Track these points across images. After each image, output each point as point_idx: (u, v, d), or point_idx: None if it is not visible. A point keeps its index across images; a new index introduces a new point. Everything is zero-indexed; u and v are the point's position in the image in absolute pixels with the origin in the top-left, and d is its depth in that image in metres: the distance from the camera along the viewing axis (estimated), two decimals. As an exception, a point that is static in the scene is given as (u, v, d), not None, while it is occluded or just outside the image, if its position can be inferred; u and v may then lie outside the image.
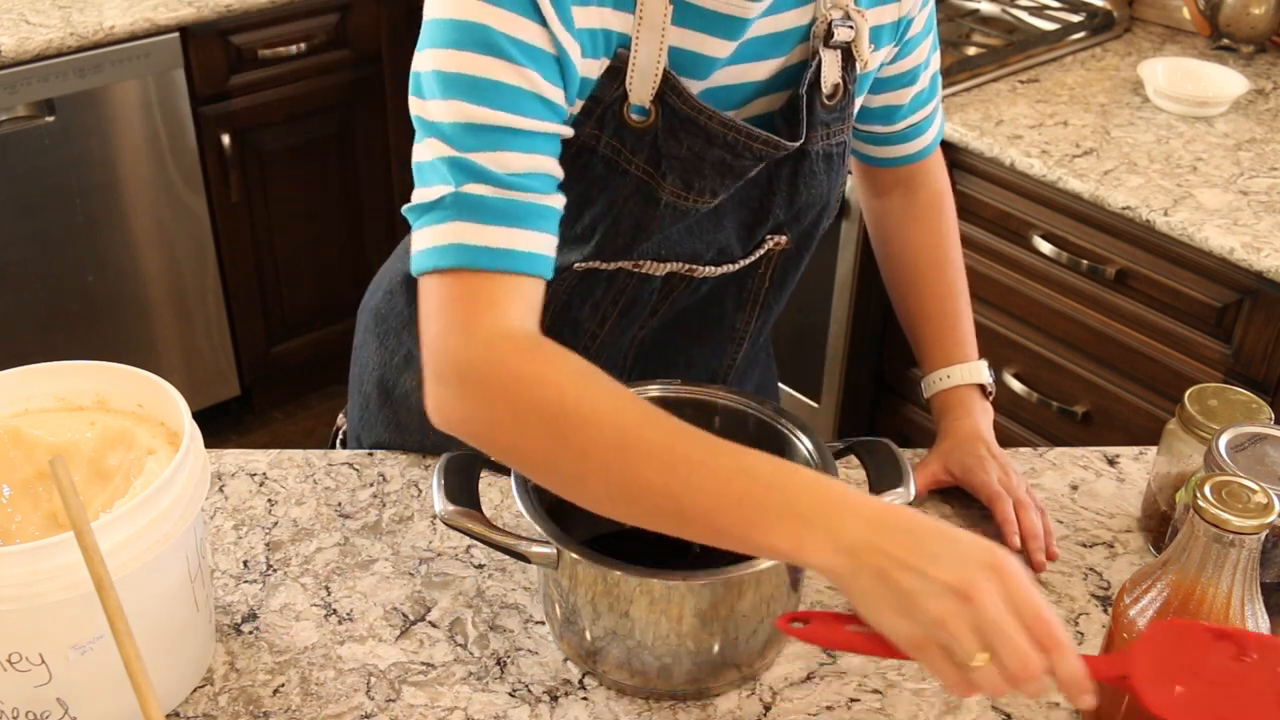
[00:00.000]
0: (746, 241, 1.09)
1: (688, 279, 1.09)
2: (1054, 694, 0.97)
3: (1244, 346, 1.80)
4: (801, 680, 0.98)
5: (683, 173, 0.99)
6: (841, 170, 1.11)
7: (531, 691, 0.96)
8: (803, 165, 1.06)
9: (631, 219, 1.01)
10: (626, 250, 1.04)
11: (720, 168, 1.00)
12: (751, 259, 1.11)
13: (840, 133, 1.08)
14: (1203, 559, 0.82)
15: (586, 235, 1.02)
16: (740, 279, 1.13)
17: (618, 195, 1.00)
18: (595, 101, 0.96)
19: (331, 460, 1.19)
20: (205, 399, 2.76)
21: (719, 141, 0.98)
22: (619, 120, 0.97)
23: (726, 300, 1.15)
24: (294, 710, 0.94)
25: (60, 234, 2.40)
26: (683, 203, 1.01)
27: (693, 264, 1.08)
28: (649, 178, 0.99)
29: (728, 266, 1.10)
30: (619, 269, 1.06)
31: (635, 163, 0.99)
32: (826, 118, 1.05)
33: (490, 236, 0.87)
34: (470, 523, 0.91)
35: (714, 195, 1.02)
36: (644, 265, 1.06)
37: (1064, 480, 1.19)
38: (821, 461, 0.98)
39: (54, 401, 0.97)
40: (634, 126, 0.97)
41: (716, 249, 1.08)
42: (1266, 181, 1.89)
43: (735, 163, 1.00)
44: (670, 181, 0.99)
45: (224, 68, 2.47)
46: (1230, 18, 2.26)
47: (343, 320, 2.93)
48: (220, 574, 1.07)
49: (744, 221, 1.08)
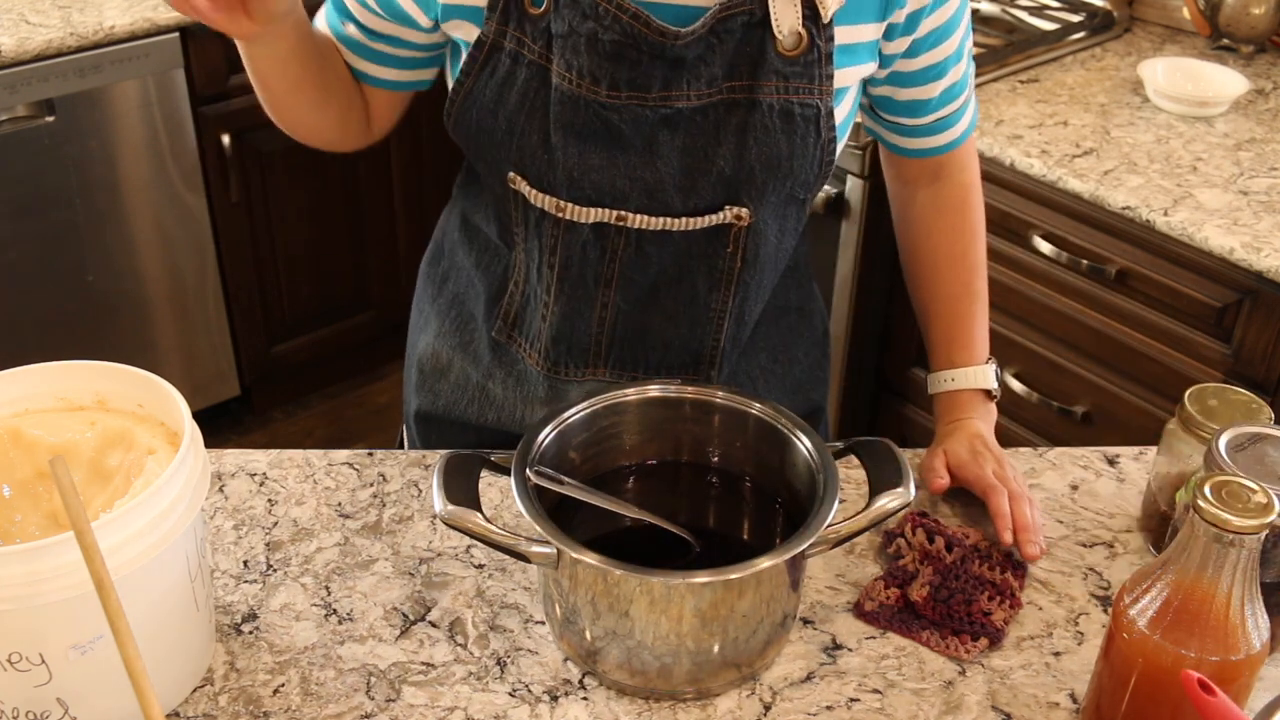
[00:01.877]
0: (688, 192, 1.06)
1: (623, 232, 1.08)
2: (1054, 693, 0.97)
3: (1244, 346, 1.80)
4: (801, 680, 0.98)
5: (564, 52, 1.02)
6: (809, 139, 1.06)
7: (531, 691, 0.96)
8: (753, 116, 1.04)
9: (537, 115, 1.05)
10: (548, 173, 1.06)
11: (592, 42, 1.01)
12: (703, 223, 1.08)
13: (806, 92, 1.05)
14: (1203, 559, 0.82)
15: (505, 139, 1.07)
16: (707, 256, 1.11)
17: (524, 89, 1.05)
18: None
19: (331, 460, 1.19)
20: (205, 399, 2.76)
21: (590, 12, 1.01)
22: (521, 10, 1.04)
23: (697, 279, 1.13)
24: (294, 710, 0.94)
25: (60, 234, 2.40)
26: (568, 87, 1.02)
27: (621, 208, 1.07)
28: (544, 61, 1.04)
29: (668, 221, 1.07)
30: (544, 212, 1.08)
31: (535, 50, 1.04)
32: (783, 68, 1.03)
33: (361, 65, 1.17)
34: (470, 523, 0.91)
35: (595, 82, 1.02)
36: (567, 209, 1.07)
37: (1064, 480, 1.19)
38: (821, 461, 0.98)
39: (54, 401, 0.97)
40: (533, 14, 1.03)
41: (645, 190, 1.06)
42: (1266, 181, 1.89)
43: (605, 37, 1.00)
44: (557, 64, 1.03)
45: (224, 68, 2.47)
46: (1230, 18, 2.26)
47: (343, 320, 2.94)
48: (220, 574, 1.07)
49: (683, 166, 1.05)
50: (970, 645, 1.00)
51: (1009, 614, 1.02)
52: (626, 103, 1.03)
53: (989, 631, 1.00)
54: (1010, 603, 1.03)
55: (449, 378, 1.25)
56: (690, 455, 1.08)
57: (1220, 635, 0.83)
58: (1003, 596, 1.03)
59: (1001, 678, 0.99)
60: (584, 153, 1.04)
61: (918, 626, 1.02)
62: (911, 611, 1.03)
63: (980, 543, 1.07)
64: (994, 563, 1.05)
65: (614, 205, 1.07)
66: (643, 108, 1.03)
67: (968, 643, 1.00)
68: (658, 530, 0.99)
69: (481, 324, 1.22)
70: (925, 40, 1.11)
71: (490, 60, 1.06)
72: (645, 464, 1.08)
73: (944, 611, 1.01)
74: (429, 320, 1.28)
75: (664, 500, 1.07)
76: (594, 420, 1.04)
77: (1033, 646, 1.01)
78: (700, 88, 1.03)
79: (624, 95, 1.02)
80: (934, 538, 1.06)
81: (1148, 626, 0.85)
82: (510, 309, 1.18)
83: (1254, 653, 0.84)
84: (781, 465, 1.03)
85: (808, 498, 0.98)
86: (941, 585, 1.03)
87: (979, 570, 1.05)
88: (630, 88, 1.02)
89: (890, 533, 1.09)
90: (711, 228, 1.09)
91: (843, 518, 0.94)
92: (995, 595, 1.03)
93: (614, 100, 1.02)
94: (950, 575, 1.04)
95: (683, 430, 1.07)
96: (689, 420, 1.07)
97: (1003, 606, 1.02)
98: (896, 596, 1.03)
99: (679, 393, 1.06)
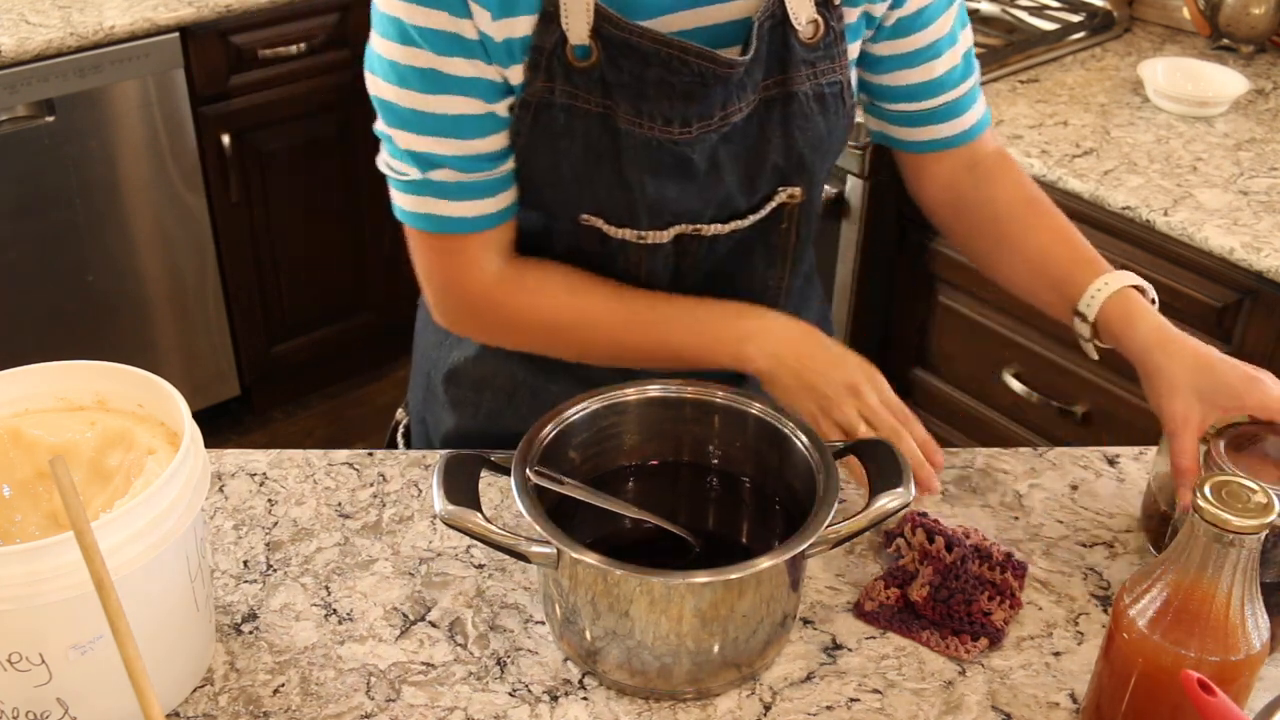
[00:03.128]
0: (750, 193, 1.10)
1: (698, 238, 1.11)
2: (1054, 693, 0.97)
3: (1244, 346, 1.80)
4: (801, 680, 0.98)
5: (630, 98, 1.02)
6: (841, 112, 1.11)
7: (531, 691, 0.96)
8: (792, 107, 1.07)
9: (607, 161, 1.04)
10: (626, 210, 1.06)
11: (663, 87, 1.02)
12: (763, 213, 1.12)
13: (831, 72, 1.09)
14: (1203, 559, 0.82)
15: (572, 188, 1.06)
16: (764, 235, 1.14)
17: (586, 138, 1.03)
18: (537, 52, 1.00)
19: (331, 460, 1.19)
20: (205, 399, 2.76)
21: (654, 60, 1.01)
22: (565, 65, 1.01)
23: (755, 258, 1.16)
24: (294, 710, 0.94)
25: (60, 234, 2.40)
26: (641, 130, 1.03)
27: (696, 224, 1.10)
28: (606, 110, 1.03)
29: (737, 223, 1.11)
30: (624, 241, 1.09)
31: (591, 100, 1.02)
32: (809, 56, 1.06)
33: (457, 209, 1.07)
34: (470, 523, 0.91)
35: (668, 122, 1.03)
36: (647, 235, 1.09)
37: (1064, 480, 1.19)
38: (821, 461, 0.98)
39: (54, 401, 0.97)
40: (580, 68, 1.01)
41: (717, 204, 1.09)
42: (1266, 181, 1.89)
43: (675, 80, 1.01)
44: (623, 110, 1.02)
45: (224, 68, 2.47)
46: (1230, 18, 2.26)
47: (343, 320, 2.94)
48: (220, 574, 1.07)
49: (743, 173, 1.09)
50: (970, 645, 1.00)
51: (1009, 614, 1.02)
52: (698, 135, 1.05)
53: (989, 631, 1.00)
54: (1010, 603, 1.03)
55: (493, 385, 1.24)
56: (690, 455, 1.08)
57: (1220, 635, 0.83)
58: (1003, 596, 1.03)
59: (1001, 678, 0.99)
60: (660, 188, 1.06)
61: (918, 626, 1.02)
62: (911, 611, 1.03)
63: (982, 543, 1.07)
64: (994, 563, 1.05)
65: (691, 221, 1.10)
66: (708, 133, 1.05)
67: (968, 643, 1.00)
68: (658, 530, 0.99)
69: None
70: (914, 19, 1.13)
71: (541, 118, 1.03)
72: (645, 464, 1.08)
73: (944, 611, 1.01)
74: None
75: (664, 500, 1.07)
76: (594, 420, 1.04)
77: (1033, 646, 1.01)
78: (747, 97, 1.06)
79: (694, 129, 1.04)
80: (934, 537, 1.06)
81: (1148, 626, 0.85)
82: None
83: (1254, 653, 0.84)
84: (781, 465, 1.03)
85: (808, 498, 0.97)
86: (941, 585, 1.03)
87: (979, 570, 1.05)
88: (699, 119, 1.04)
89: (890, 533, 1.09)
90: (769, 212, 1.13)
91: (843, 518, 0.94)
92: (995, 595, 1.03)
93: (685, 136, 1.04)
94: (950, 575, 1.04)
95: (683, 430, 1.07)
96: (689, 420, 1.07)
97: (1003, 606, 1.02)
98: (896, 596, 1.03)
99: (679, 393, 1.06)
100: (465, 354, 1.25)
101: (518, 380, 1.23)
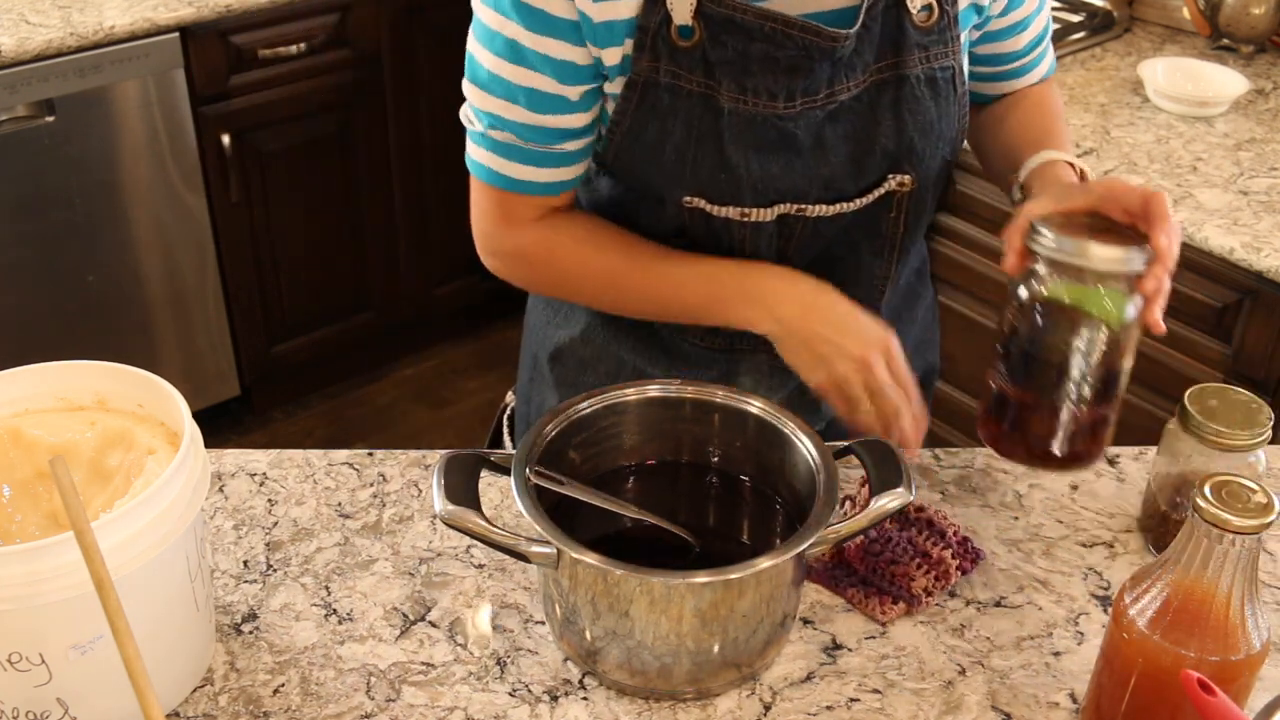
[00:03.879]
0: (857, 176, 1.10)
1: (802, 218, 1.11)
2: (1054, 693, 0.97)
3: (1244, 346, 1.80)
4: (801, 680, 0.98)
5: (734, 75, 1.03)
6: (952, 99, 1.11)
7: (531, 691, 0.96)
8: (903, 90, 1.07)
9: (710, 141, 1.05)
10: (729, 189, 1.07)
11: (766, 62, 1.03)
12: (871, 197, 1.12)
13: (944, 56, 1.09)
14: (1203, 559, 0.82)
15: (675, 169, 1.07)
16: (872, 223, 1.14)
17: (689, 118, 1.05)
18: (643, 32, 1.03)
19: (331, 460, 1.19)
20: (205, 399, 2.76)
21: (758, 34, 1.02)
22: (670, 45, 1.03)
23: (862, 247, 1.16)
24: (294, 710, 0.94)
25: (60, 234, 2.40)
26: (744, 108, 1.04)
27: (801, 203, 1.09)
28: (708, 90, 1.04)
29: (842, 205, 1.11)
30: (727, 219, 1.09)
31: (694, 80, 1.04)
32: (922, 39, 1.07)
33: (511, 170, 1.11)
34: (470, 523, 0.91)
35: (773, 97, 1.04)
36: (751, 213, 1.09)
37: (1064, 480, 1.19)
38: (822, 461, 0.98)
39: (54, 401, 0.97)
40: (684, 47, 1.02)
41: (822, 184, 1.09)
42: (1266, 181, 1.89)
43: (780, 54, 1.03)
44: (726, 87, 1.03)
45: (224, 68, 2.47)
46: (1230, 18, 2.26)
47: (343, 320, 2.94)
48: (220, 574, 1.07)
49: (850, 154, 1.09)
50: (889, 608, 1.02)
51: (932, 585, 1.03)
52: (802, 109, 1.05)
53: (905, 596, 1.02)
54: (935, 574, 1.04)
55: (598, 369, 1.25)
56: (690, 455, 1.08)
57: (1220, 635, 0.83)
58: (930, 567, 1.04)
59: (1001, 678, 0.99)
60: (764, 164, 1.07)
61: (846, 583, 1.04)
62: (844, 568, 1.05)
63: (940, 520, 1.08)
64: (946, 541, 1.06)
65: (795, 201, 1.10)
66: (813, 110, 1.06)
67: (886, 604, 1.02)
68: (658, 530, 0.99)
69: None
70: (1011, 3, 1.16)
71: (646, 98, 1.05)
72: (645, 464, 1.08)
73: (871, 567, 1.04)
74: (573, 314, 1.27)
75: (664, 500, 1.07)
76: (594, 420, 1.04)
77: (1033, 646, 1.01)
78: (857, 77, 1.06)
79: (799, 103, 1.05)
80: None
81: (1148, 626, 0.85)
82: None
83: (1254, 653, 0.84)
84: (781, 465, 1.03)
85: (808, 498, 0.98)
86: (874, 542, 1.04)
87: (920, 542, 1.06)
88: (804, 94, 1.05)
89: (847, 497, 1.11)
90: (878, 198, 1.13)
91: (842, 518, 0.94)
92: (924, 564, 1.04)
93: (790, 110, 1.05)
94: (885, 538, 1.05)
95: (683, 430, 1.07)
96: (689, 420, 1.07)
97: (927, 576, 1.03)
98: (832, 552, 1.04)
99: (679, 392, 1.06)
100: (571, 333, 1.27)
101: (622, 361, 1.24)
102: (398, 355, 3.14)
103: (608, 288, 1.16)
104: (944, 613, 1.04)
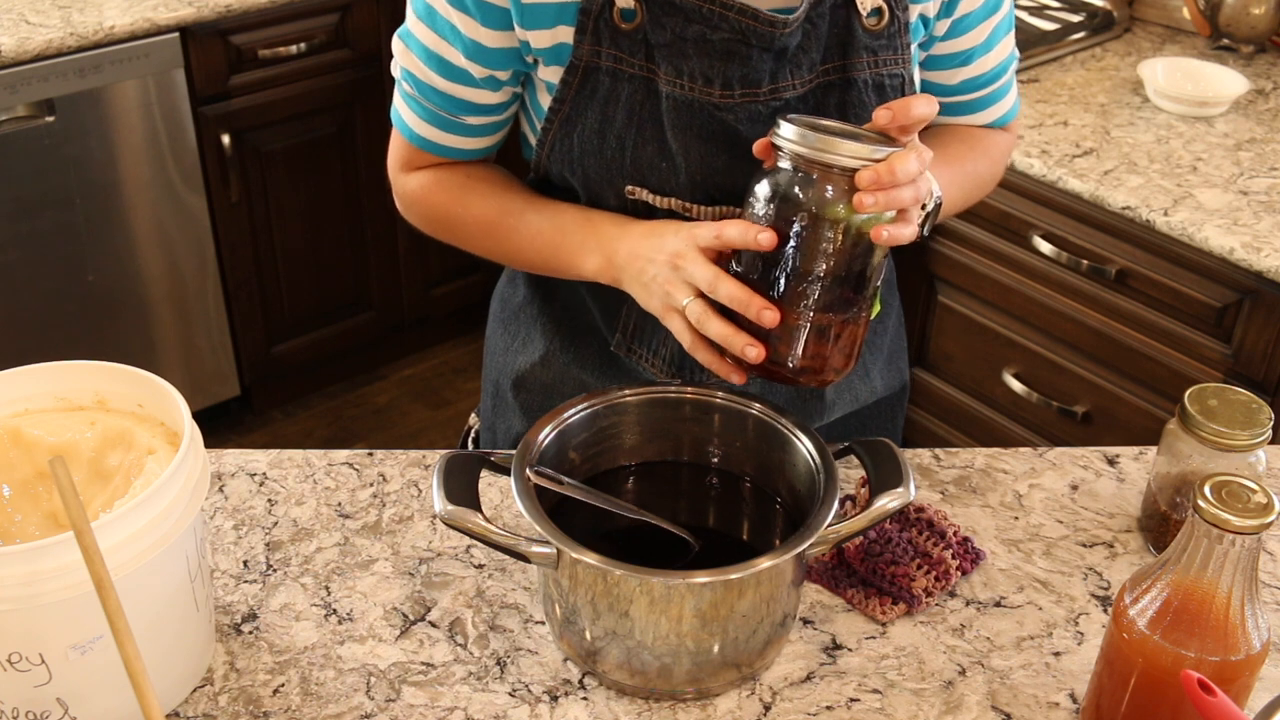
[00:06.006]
0: None
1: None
2: (1054, 693, 0.97)
3: (1244, 346, 1.80)
4: (801, 680, 0.98)
5: (671, 58, 1.03)
6: None
7: (531, 691, 0.96)
8: (850, 95, 1.06)
9: (649, 126, 1.05)
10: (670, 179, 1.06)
11: (702, 45, 1.02)
12: None
13: (894, 63, 1.07)
14: (1203, 559, 0.82)
15: (616, 155, 1.06)
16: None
17: (631, 103, 1.05)
18: (585, 15, 1.02)
19: (331, 460, 1.19)
20: (205, 399, 2.76)
21: (696, 16, 1.01)
22: (612, 28, 1.03)
23: None
24: (294, 710, 0.94)
25: (60, 234, 2.41)
26: (681, 93, 1.03)
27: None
28: (648, 73, 1.04)
29: None
30: (671, 212, 1.08)
31: (634, 64, 1.03)
32: (871, 43, 1.05)
33: (420, 127, 1.15)
34: (470, 523, 0.91)
35: (708, 82, 1.03)
36: (694, 209, 1.08)
37: (1064, 480, 1.19)
38: (822, 461, 0.98)
39: (54, 401, 0.97)
40: (626, 30, 1.02)
41: None
42: (1266, 181, 1.89)
43: (715, 36, 1.01)
44: (664, 71, 1.03)
45: (224, 68, 2.47)
46: (1230, 18, 2.26)
47: (343, 320, 2.94)
48: (220, 574, 1.07)
49: None
50: (889, 608, 1.02)
51: (932, 585, 1.03)
52: (740, 101, 1.04)
53: (905, 596, 1.02)
54: (936, 574, 1.04)
55: (563, 391, 1.23)
56: (690, 455, 1.08)
57: (1220, 635, 0.83)
58: (930, 567, 1.04)
59: (1001, 678, 0.99)
60: (706, 156, 1.06)
61: (846, 584, 1.04)
62: (845, 569, 1.05)
63: (939, 521, 1.08)
64: (946, 542, 1.06)
65: (739, 203, 1.05)
66: (755, 104, 1.04)
67: (886, 604, 1.02)
68: (658, 530, 0.99)
69: (600, 336, 1.20)
70: (965, 21, 1.13)
71: (588, 83, 1.05)
72: (645, 464, 1.08)
73: (871, 568, 1.03)
74: (531, 339, 1.25)
75: (664, 500, 1.07)
76: (594, 420, 1.04)
77: (1033, 646, 1.01)
78: (802, 75, 1.05)
79: (737, 94, 1.04)
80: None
81: (1148, 626, 0.85)
82: (629, 322, 1.17)
83: (1254, 653, 0.84)
84: (781, 465, 1.03)
85: (808, 498, 0.98)
86: (874, 542, 1.04)
87: (919, 541, 1.06)
88: (743, 85, 1.04)
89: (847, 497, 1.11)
90: None
91: (842, 518, 0.94)
92: (924, 565, 1.04)
93: (727, 100, 1.04)
94: (885, 539, 1.05)
95: (683, 430, 1.07)
96: (689, 420, 1.07)
97: (927, 576, 1.03)
98: (831, 554, 1.04)
99: (679, 393, 1.06)
100: (530, 359, 1.25)
101: (586, 385, 1.22)
102: (397, 355, 3.14)
103: (485, 236, 1.17)
104: (944, 613, 1.04)
